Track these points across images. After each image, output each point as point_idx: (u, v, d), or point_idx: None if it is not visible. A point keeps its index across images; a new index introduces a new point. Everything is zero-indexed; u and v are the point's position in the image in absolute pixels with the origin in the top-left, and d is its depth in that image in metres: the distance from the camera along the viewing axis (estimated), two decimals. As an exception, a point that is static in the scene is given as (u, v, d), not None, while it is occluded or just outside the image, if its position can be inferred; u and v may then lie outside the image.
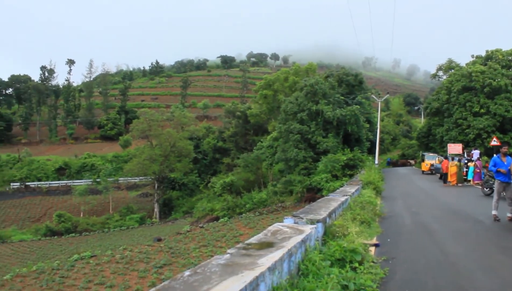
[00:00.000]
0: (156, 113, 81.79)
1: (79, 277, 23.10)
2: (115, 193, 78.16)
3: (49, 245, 50.91)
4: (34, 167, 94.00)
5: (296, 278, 6.40)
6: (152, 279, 21.43)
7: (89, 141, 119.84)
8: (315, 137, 42.24)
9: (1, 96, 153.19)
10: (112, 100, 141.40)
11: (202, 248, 27.87)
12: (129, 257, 26.70)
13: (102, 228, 62.85)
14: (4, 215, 73.84)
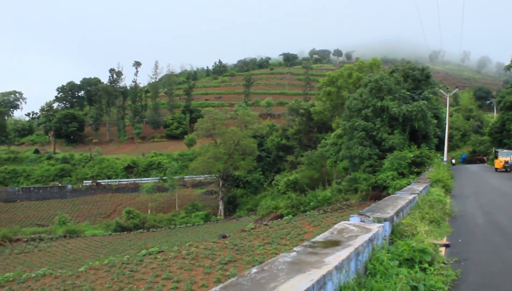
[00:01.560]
0: (220, 112, 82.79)
1: (148, 272, 23.79)
2: (181, 190, 79.96)
3: (119, 240, 52.85)
4: (104, 165, 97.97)
5: (363, 277, 6.26)
6: (217, 275, 21.71)
7: (156, 140, 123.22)
8: (380, 134, 41.28)
9: (74, 99, 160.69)
10: (177, 100, 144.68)
11: (266, 245, 27.95)
12: (195, 253, 27.19)
13: (168, 224, 64.45)
14: (77, 210, 77.47)
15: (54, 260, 41.63)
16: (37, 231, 61.53)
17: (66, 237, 56.04)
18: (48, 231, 60.89)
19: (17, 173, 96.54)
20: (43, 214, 76.04)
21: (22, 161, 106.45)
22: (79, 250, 47.53)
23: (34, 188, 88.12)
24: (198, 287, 20.36)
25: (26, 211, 77.98)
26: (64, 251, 47.18)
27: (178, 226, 62.00)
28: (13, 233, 57.87)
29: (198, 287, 20.41)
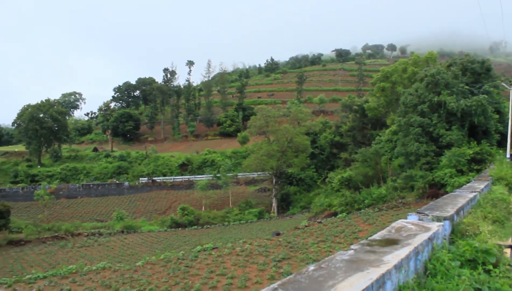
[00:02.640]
0: (272, 110, 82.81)
1: (202, 267, 24.10)
2: (234, 187, 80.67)
3: (174, 236, 53.88)
4: (159, 163, 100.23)
5: (423, 277, 6.07)
6: (271, 272, 21.71)
7: (209, 138, 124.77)
8: (437, 130, 40.08)
9: (130, 98, 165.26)
10: (229, 98, 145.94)
11: (320, 243, 27.73)
12: (249, 250, 27.32)
13: (222, 221, 65.15)
14: (134, 207, 79.66)
15: (113, 254, 43.00)
16: (96, 226, 63.80)
17: (123, 232, 57.75)
18: (106, 226, 63.00)
19: (77, 170, 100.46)
20: (102, 210, 78.73)
21: (82, 159, 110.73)
22: (136, 245, 48.85)
23: (93, 185, 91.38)
24: (252, 284, 20.44)
25: (86, 206, 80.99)
26: (122, 245, 48.64)
27: (232, 223, 62.54)
28: (74, 228, 60.33)
29: (252, 283, 20.48)
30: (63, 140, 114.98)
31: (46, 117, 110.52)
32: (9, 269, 38.84)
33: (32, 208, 78.60)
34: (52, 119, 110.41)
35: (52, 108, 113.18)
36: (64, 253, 46.02)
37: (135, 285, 21.26)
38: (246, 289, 19.87)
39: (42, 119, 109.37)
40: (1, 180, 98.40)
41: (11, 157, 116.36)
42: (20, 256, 45.61)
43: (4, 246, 52.83)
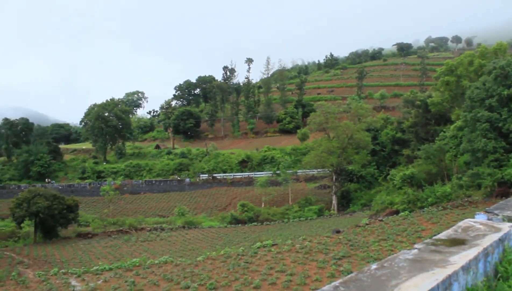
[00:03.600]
0: (332, 106, 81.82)
1: (262, 264, 24.16)
2: (294, 184, 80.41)
3: (234, 232, 54.40)
4: (219, 160, 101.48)
5: (493, 281, 5.73)
6: (331, 270, 21.46)
7: (269, 135, 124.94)
8: (507, 125, 38.21)
9: (190, 96, 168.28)
10: (289, 94, 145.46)
11: (381, 241, 27.13)
12: (308, 247, 27.13)
13: (282, 218, 65.12)
14: (195, 203, 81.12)
15: (174, 249, 43.98)
16: (158, 221, 65.48)
17: (184, 228, 58.94)
18: (168, 222, 64.51)
19: (140, 167, 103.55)
20: (164, 206, 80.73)
21: (145, 156, 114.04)
22: (197, 240, 49.73)
23: (155, 181, 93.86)
24: (311, 281, 20.28)
25: (149, 202, 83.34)
26: (183, 241, 49.67)
27: (291, 220, 62.41)
28: (138, 222, 62.25)
29: (311, 281, 20.32)
30: (127, 138, 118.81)
31: (111, 116, 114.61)
32: (78, 260, 40.62)
33: (99, 203, 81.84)
34: (116, 118, 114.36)
35: (116, 107, 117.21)
36: (128, 246, 47.59)
37: (195, 279, 21.60)
38: (305, 286, 19.73)
39: (107, 118, 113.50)
40: (70, 176, 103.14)
41: (79, 154, 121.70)
42: (88, 248, 47.59)
43: (74, 238, 55.40)
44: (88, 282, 22.34)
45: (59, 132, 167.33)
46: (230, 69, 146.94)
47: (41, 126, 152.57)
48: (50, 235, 55.59)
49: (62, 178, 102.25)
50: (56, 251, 46.74)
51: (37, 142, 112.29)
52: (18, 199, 55.59)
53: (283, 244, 29.61)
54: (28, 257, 43.81)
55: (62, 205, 54.66)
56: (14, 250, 48.15)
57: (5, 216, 66.51)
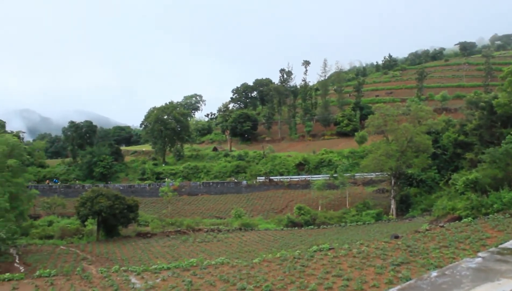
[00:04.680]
0: (391, 108, 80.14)
1: (318, 268, 23.92)
2: (351, 188, 79.24)
3: (290, 235, 54.25)
4: (276, 162, 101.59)
5: None
6: (389, 276, 20.94)
7: (326, 137, 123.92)
8: None
9: (247, 99, 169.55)
10: (346, 97, 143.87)
11: (442, 248, 26.21)
12: (366, 252, 26.62)
13: (339, 222, 64.33)
14: (252, 205, 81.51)
15: (231, 250, 44.35)
16: (215, 223, 66.30)
17: (241, 230, 59.31)
18: (225, 223, 65.18)
19: (198, 168, 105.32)
20: (221, 207, 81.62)
21: (203, 158, 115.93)
22: (253, 242, 49.93)
23: (213, 183, 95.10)
24: (368, 287, 19.87)
25: (206, 203, 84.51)
26: (239, 242, 50.01)
27: (349, 224, 61.55)
28: (195, 223, 63.27)
29: (368, 286, 19.91)
30: (185, 140, 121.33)
31: (170, 118, 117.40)
32: (138, 259, 41.78)
33: (157, 204, 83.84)
34: (175, 121, 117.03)
35: (175, 110, 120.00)
36: (186, 247, 48.46)
37: (251, 281, 21.66)
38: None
39: (166, 121, 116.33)
40: (131, 177, 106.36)
41: (139, 155, 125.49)
42: (147, 247, 48.86)
43: (133, 237, 57.07)
44: (147, 280, 22.88)
45: (121, 134, 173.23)
46: (287, 71, 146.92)
47: (103, 129, 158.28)
48: (111, 233, 57.56)
49: (123, 178, 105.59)
50: (117, 249, 48.31)
51: (100, 144, 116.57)
52: (82, 198, 58.00)
53: (340, 248, 29.21)
54: (91, 254, 45.54)
55: (123, 205, 56.43)
56: (79, 246, 50.26)
57: (71, 214, 69.48)
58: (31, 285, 22.26)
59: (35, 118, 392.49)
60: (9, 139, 58.35)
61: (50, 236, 58.44)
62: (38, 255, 44.68)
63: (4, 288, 21.91)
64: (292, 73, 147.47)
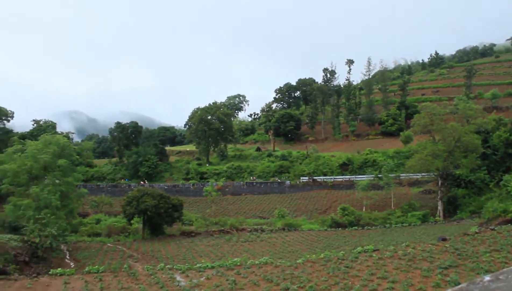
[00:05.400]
0: (438, 107, 78.20)
1: (362, 269, 23.59)
2: (396, 188, 77.79)
3: (334, 235, 53.80)
4: (320, 163, 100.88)
5: None
6: (436, 279, 20.41)
7: (370, 137, 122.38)
8: None
9: (290, 99, 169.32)
10: (391, 96, 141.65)
11: (493, 252, 25.34)
12: (412, 254, 26.06)
13: (383, 223, 63.32)
14: (295, 205, 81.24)
15: (274, 250, 44.35)
16: (259, 223, 66.48)
17: (284, 230, 59.27)
18: (268, 223, 65.26)
19: (242, 168, 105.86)
20: (264, 207, 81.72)
21: (246, 158, 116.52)
22: (296, 242, 49.78)
23: (256, 183, 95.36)
24: (415, 290, 19.44)
25: (250, 203, 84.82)
26: (282, 242, 49.96)
27: (394, 225, 60.51)
28: (239, 223, 63.66)
29: (415, 289, 19.49)
30: (228, 141, 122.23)
31: (214, 119, 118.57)
32: (182, 257, 42.38)
33: (201, 203, 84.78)
34: (218, 121, 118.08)
35: (218, 111, 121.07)
36: (229, 246, 48.79)
37: (295, 281, 21.58)
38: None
39: (210, 121, 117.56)
40: (175, 176, 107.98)
41: (183, 156, 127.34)
42: (191, 246, 49.49)
43: (178, 236, 57.97)
44: (191, 278, 23.15)
45: (165, 135, 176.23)
46: (330, 71, 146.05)
47: (148, 129, 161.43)
48: (156, 232, 58.62)
49: (168, 178, 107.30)
50: (162, 247, 49.15)
51: (145, 144, 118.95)
52: (128, 197, 59.33)
53: (385, 249, 28.70)
54: (137, 252, 46.53)
55: (167, 204, 57.35)
56: (125, 244, 51.46)
57: (117, 213, 71.17)
58: (81, 281, 22.94)
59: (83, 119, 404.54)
60: (60, 140, 60.35)
61: (98, 233, 60.16)
62: (87, 252, 46.01)
63: (57, 282, 22.68)
64: (335, 72, 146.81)
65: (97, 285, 21.89)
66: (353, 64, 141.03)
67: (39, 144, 57.42)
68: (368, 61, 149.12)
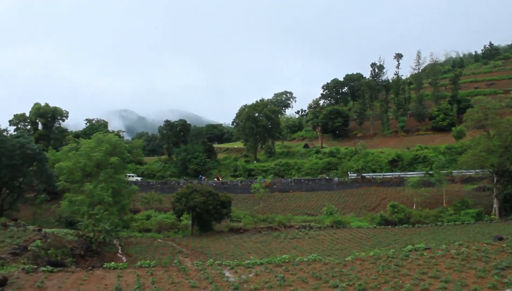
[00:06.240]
0: (492, 101, 75.76)
1: (413, 268, 23.07)
2: (448, 185, 75.57)
3: (383, 233, 52.92)
4: (369, 159, 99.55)
5: None
6: (492, 281, 19.68)
7: (421, 133, 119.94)
8: None
9: (338, 95, 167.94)
10: (442, 90, 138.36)
11: (554, 253, 24.24)
12: (466, 253, 25.26)
13: (435, 221, 61.66)
14: (343, 202, 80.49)
15: (322, 248, 44.09)
16: (306, 220, 66.16)
17: (333, 227, 58.84)
18: (316, 220, 64.87)
19: (289, 165, 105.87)
20: (312, 204, 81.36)
21: (294, 155, 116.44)
22: (345, 240, 49.31)
23: (304, 180, 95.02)
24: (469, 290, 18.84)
25: (297, 200, 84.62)
26: (331, 240, 49.60)
27: (446, 223, 58.83)
28: (287, 220, 63.62)
29: (469, 290, 18.86)
30: (276, 137, 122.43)
31: (261, 116, 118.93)
32: (231, 253, 42.74)
33: (249, 200, 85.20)
34: (266, 118, 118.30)
35: (266, 108, 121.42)
36: (277, 243, 48.87)
37: (344, 279, 21.34)
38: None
39: (257, 118, 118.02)
40: (224, 173, 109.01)
41: (231, 153, 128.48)
42: (240, 242, 49.88)
43: (226, 232, 58.56)
44: (240, 274, 23.27)
45: (213, 132, 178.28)
46: (379, 66, 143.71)
47: (196, 127, 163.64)
48: (205, 228, 59.41)
49: (216, 175, 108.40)
50: (211, 244, 49.76)
51: (193, 142, 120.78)
52: (178, 194, 60.49)
53: (437, 248, 27.93)
54: (187, 248, 47.31)
55: (216, 201, 58.03)
56: (175, 240, 52.47)
57: (167, 209, 72.64)
58: (133, 274, 23.50)
59: (133, 118, 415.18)
60: (112, 138, 62.14)
61: (148, 229, 61.64)
62: (138, 247, 47.17)
63: (111, 275, 23.35)
64: (383, 67, 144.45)
65: (149, 279, 22.34)
66: (401, 58, 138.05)
67: (92, 142, 59.32)
68: (418, 55, 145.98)
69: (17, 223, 44.48)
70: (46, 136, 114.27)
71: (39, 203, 70.84)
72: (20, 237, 34.46)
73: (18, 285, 20.77)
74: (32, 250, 30.13)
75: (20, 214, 68.22)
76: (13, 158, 63.81)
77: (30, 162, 67.35)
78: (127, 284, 21.52)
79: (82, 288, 20.89)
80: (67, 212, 57.08)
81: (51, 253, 30.73)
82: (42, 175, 68.95)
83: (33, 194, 73.91)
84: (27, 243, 31.81)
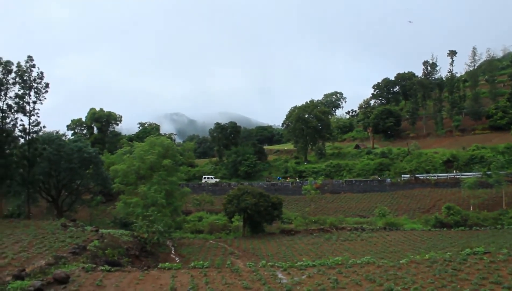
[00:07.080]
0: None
1: (472, 272, 22.28)
2: (508, 187, 72.64)
3: (439, 236, 51.47)
4: (422, 160, 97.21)
5: None
6: (559, 286, 18.74)
7: (477, 132, 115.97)
8: None
9: (389, 95, 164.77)
10: (500, 87, 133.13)
11: None
12: (530, 258, 24.18)
13: (494, 224, 59.34)
14: (396, 204, 78.91)
15: (375, 250, 43.33)
16: (358, 221, 65.32)
17: (385, 229, 57.87)
18: (368, 222, 63.94)
19: (340, 167, 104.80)
20: (364, 206, 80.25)
21: (345, 156, 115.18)
22: (398, 242, 48.28)
23: (355, 181, 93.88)
24: (534, 297, 18.01)
25: (349, 202, 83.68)
26: (384, 242, 48.69)
27: (506, 226, 56.50)
28: (338, 222, 63.01)
29: (534, 297, 18.03)
30: (326, 139, 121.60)
31: (311, 117, 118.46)
32: (282, 255, 42.70)
33: (300, 201, 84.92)
34: (316, 119, 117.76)
35: (316, 109, 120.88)
36: (329, 245, 48.42)
37: (399, 282, 20.87)
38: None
39: (307, 119, 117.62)
40: (274, 175, 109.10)
41: (281, 154, 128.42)
42: (291, 244, 49.74)
43: (277, 234, 58.51)
44: (293, 276, 23.19)
45: (263, 134, 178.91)
46: (431, 63, 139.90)
47: (246, 129, 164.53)
48: (256, 229, 59.57)
49: (266, 177, 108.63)
50: (262, 245, 49.85)
51: (244, 144, 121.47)
52: (229, 195, 61.04)
53: (498, 252, 26.82)
54: (238, 249, 47.62)
55: (267, 203, 58.12)
56: (226, 241, 52.92)
57: (218, 211, 73.40)
58: (187, 275, 23.86)
59: (183, 121, 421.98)
60: (164, 141, 63.46)
61: (200, 230, 62.47)
62: (190, 248, 47.89)
63: (165, 275, 23.82)
64: (436, 65, 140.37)
65: (202, 279, 22.61)
66: (456, 55, 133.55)
67: (145, 145, 60.78)
68: (473, 51, 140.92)
69: (76, 224, 46.03)
70: (101, 140, 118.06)
71: (95, 204, 73.21)
72: (79, 237, 35.70)
73: (79, 283, 21.64)
74: (90, 250, 31.14)
75: (78, 215, 70.58)
76: (71, 161, 66.15)
77: (87, 165, 69.68)
78: (182, 284, 21.88)
79: (139, 287, 21.44)
80: (122, 213, 58.69)
81: (108, 253, 31.63)
82: (98, 178, 71.13)
83: (90, 196, 76.46)
84: (86, 243, 32.92)
